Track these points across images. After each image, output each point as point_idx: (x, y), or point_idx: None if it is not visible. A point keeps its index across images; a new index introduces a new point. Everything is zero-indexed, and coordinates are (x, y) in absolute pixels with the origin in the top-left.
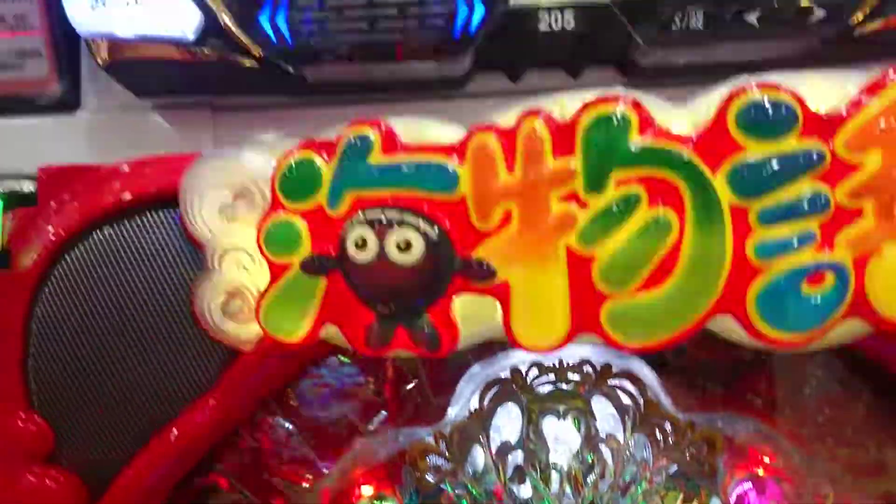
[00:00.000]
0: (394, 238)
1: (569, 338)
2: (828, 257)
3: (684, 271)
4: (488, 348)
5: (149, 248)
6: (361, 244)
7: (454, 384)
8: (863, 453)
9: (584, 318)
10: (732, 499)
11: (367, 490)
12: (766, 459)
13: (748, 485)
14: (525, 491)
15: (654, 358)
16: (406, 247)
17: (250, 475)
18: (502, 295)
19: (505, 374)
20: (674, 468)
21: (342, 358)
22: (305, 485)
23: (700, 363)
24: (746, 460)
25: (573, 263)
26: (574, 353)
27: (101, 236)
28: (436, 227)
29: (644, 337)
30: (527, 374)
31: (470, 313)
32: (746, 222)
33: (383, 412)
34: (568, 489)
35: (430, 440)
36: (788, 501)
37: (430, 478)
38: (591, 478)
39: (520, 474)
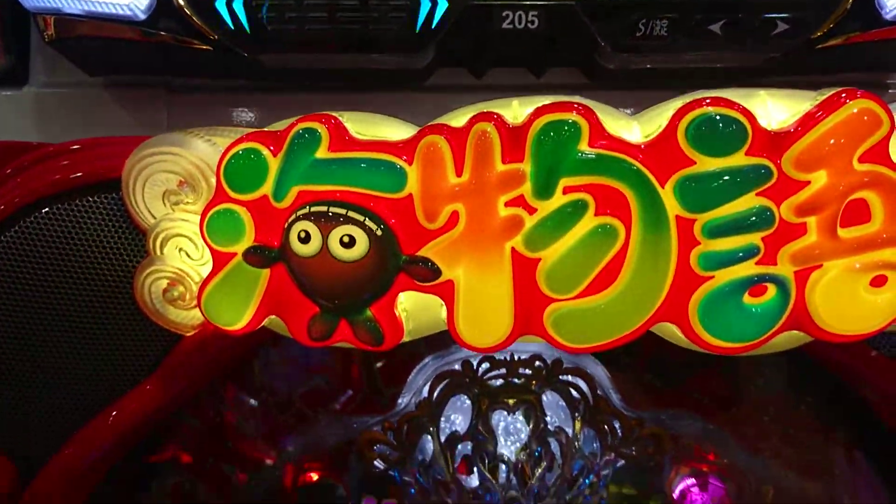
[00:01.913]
0: (338, 234)
1: (511, 338)
2: (770, 270)
3: (628, 279)
4: (442, 340)
5: (92, 230)
6: (305, 238)
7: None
8: (807, 453)
9: (527, 320)
10: (676, 494)
11: (313, 476)
12: (711, 457)
13: (691, 481)
14: (473, 481)
15: (604, 355)
16: (349, 243)
17: (213, 451)
18: (447, 294)
19: (457, 366)
20: (620, 463)
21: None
22: (269, 461)
23: (650, 361)
24: (691, 457)
25: (518, 266)
26: (526, 348)
27: (43, 215)
28: (381, 225)
29: (586, 340)
30: (478, 368)
31: (414, 309)
32: (692, 233)
33: (349, 391)
34: (515, 480)
35: (379, 430)
36: (730, 499)
37: (377, 465)
38: (538, 470)
39: (468, 464)
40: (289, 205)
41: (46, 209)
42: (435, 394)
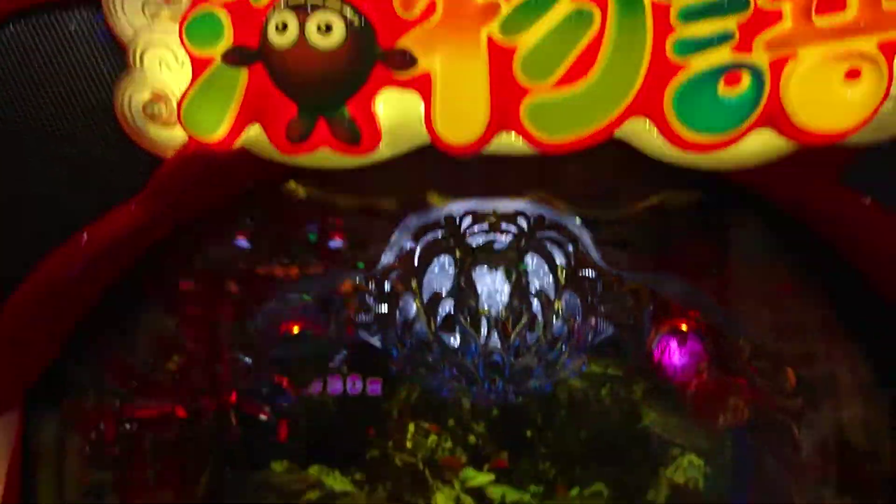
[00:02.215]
0: (315, 21)
1: (489, 133)
2: (745, 58)
3: (604, 65)
4: (424, 201)
5: (73, 46)
6: (282, 28)
7: None
8: (784, 315)
9: (504, 113)
10: (655, 350)
11: (294, 329)
12: (690, 314)
13: (670, 337)
14: (454, 340)
15: (586, 217)
16: (327, 29)
17: (208, 406)
18: (424, 88)
19: (439, 220)
20: (603, 333)
21: (305, 296)
22: (262, 417)
23: (630, 223)
24: (670, 315)
25: (494, 54)
26: (509, 205)
27: (17, 29)
28: (358, 14)
29: (562, 132)
30: (460, 222)
31: (391, 108)
32: (667, 20)
33: (343, 351)
34: (496, 337)
35: (361, 280)
36: (708, 355)
37: (359, 318)
38: (518, 328)
39: (450, 323)
40: (266, 4)
41: (20, 23)
42: (418, 248)
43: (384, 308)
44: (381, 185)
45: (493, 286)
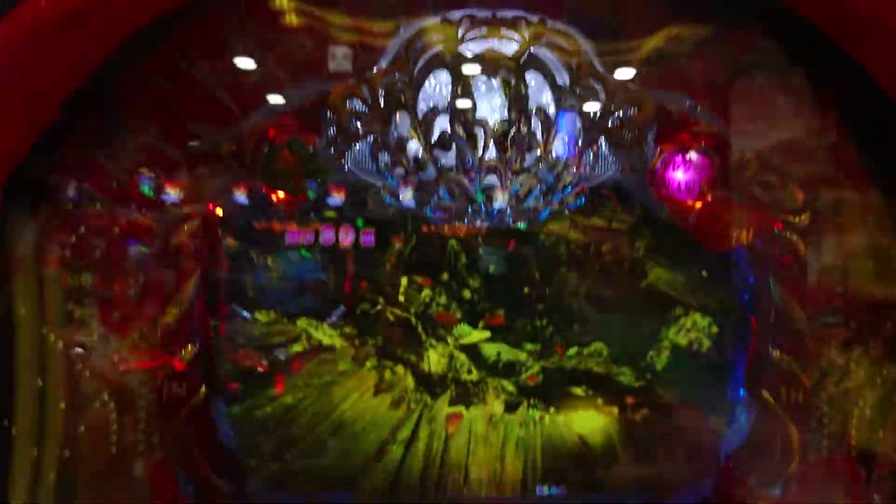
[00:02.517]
0: None
1: None
2: None
3: None
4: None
5: None
6: None
7: None
8: (792, 134)
9: None
10: (660, 167)
11: (282, 135)
12: (696, 131)
13: (676, 154)
14: (449, 158)
15: (588, 27)
16: None
17: (206, 361)
18: None
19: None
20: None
21: (303, 253)
22: (260, 370)
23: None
24: (675, 128)
25: None
26: (507, 13)
27: None
28: None
29: None
30: (459, 25)
31: None
32: None
33: (342, 307)
34: (494, 150)
35: (353, 82)
36: (714, 171)
37: (351, 125)
38: (517, 143)
39: (444, 140)
40: None
41: None
42: (412, 51)
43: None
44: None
45: (490, 97)
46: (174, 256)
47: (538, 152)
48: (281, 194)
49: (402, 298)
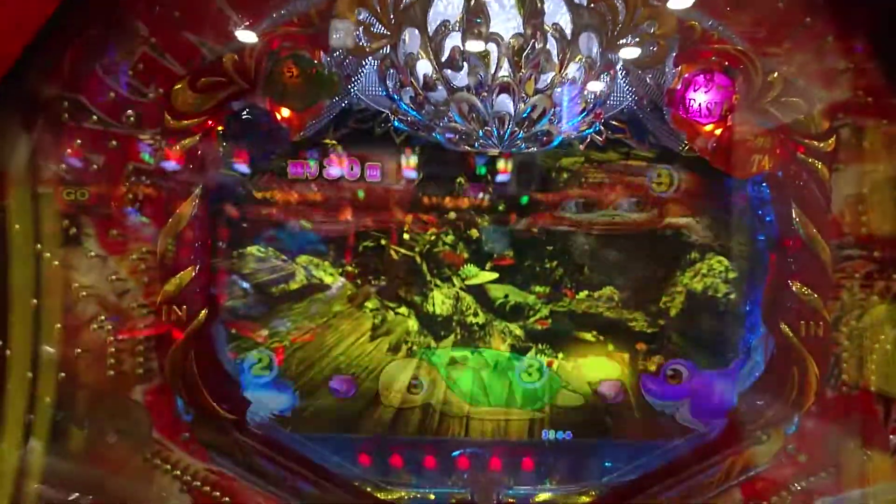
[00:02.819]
0: None
1: None
2: None
3: None
4: None
5: None
6: None
7: None
8: (818, 56)
9: None
10: (679, 86)
11: (286, 45)
12: (719, 49)
13: (697, 74)
14: (460, 79)
15: None
16: None
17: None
18: None
19: None
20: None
21: (304, 223)
22: (259, 340)
23: None
24: (695, 44)
25: None
26: None
27: None
28: None
29: None
30: None
31: None
32: None
33: (341, 279)
34: (507, 67)
35: None
36: (737, 92)
37: (359, 40)
38: (531, 56)
39: (455, 58)
40: None
41: None
42: None
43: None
44: None
45: (504, 14)
46: (173, 174)
47: (552, 74)
48: (286, 112)
49: (406, 237)
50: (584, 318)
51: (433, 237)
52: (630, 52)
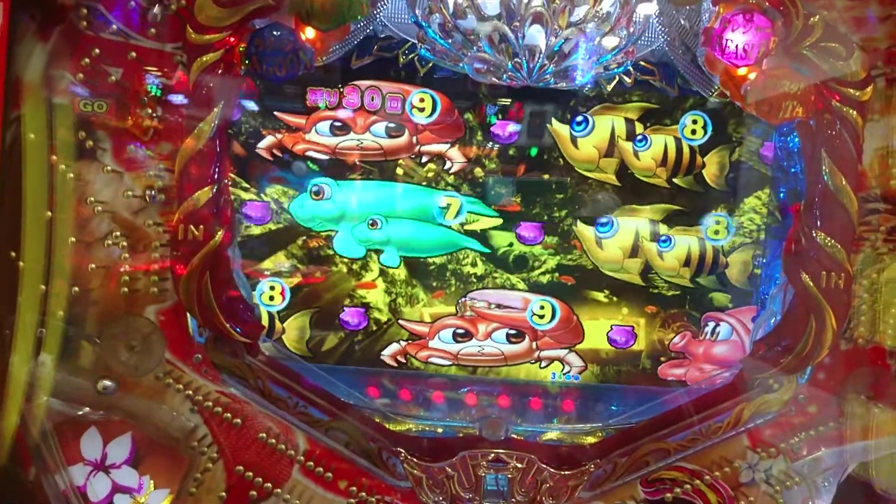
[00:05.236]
0: None
1: None
2: None
3: None
4: None
5: None
6: None
7: None
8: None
9: None
10: (717, 25)
11: None
12: None
13: (736, 13)
14: (492, 6)
15: None
16: None
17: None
18: None
19: None
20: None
21: (310, 165)
22: (263, 279)
23: None
24: None
25: None
26: None
27: None
28: None
29: None
30: None
31: None
32: None
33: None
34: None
35: None
36: (776, 34)
37: None
38: None
39: None
40: None
41: None
42: None
43: None
44: None
45: None
46: (193, 89)
47: (586, 7)
48: (311, 32)
49: (399, 171)
50: (595, 276)
51: (430, 173)
52: None
